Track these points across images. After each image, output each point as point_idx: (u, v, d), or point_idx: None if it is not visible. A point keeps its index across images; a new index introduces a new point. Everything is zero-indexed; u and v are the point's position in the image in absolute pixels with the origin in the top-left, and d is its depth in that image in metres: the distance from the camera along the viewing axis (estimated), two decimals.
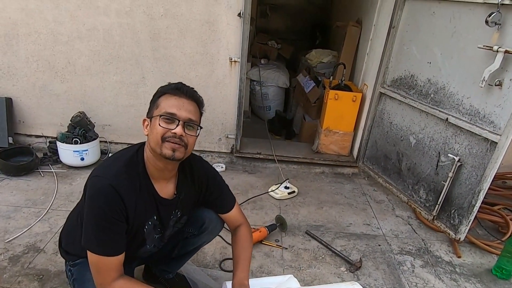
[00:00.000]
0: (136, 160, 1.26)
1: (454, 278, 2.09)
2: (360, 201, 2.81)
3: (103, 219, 1.16)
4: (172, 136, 1.19)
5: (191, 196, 1.42)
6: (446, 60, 2.32)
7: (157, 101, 1.24)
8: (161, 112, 1.20)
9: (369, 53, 3.21)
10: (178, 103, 1.21)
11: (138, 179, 1.24)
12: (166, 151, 1.19)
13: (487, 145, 2.09)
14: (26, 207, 2.35)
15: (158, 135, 1.19)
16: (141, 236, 1.31)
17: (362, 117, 3.16)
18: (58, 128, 3.02)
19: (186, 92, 1.23)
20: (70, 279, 1.39)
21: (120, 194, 1.16)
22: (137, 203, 1.23)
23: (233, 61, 2.86)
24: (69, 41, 2.82)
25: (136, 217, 1.24)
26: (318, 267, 2.07)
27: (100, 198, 1.16)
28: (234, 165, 3.21)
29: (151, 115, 1.24)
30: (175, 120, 1.19)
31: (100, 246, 1.18)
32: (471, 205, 2.18)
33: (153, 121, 1.22)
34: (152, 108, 1.25)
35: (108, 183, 1.15)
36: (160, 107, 1.22)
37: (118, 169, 1.21)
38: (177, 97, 1.22)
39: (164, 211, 1.35)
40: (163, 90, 1.25)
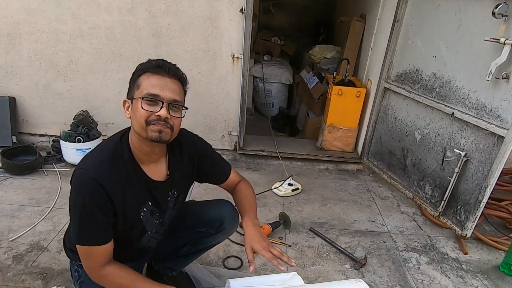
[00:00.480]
0: (121, 147, 1.20)
1: (461, 275, 2.06)
2: (365, 198, 2.79)
3: (86, 213, 1.13)
4: (156, 119, 1.12)
5: (185, 173, 1.38)
6: (452, 53, 2.28)
7: (138, 81, 1.15)
8: (143, 94, 1.12)
9: (373, 48, 3.17)
10: (160, 82, 1.13)
11: (124, 168, 1.18)
12: (152, 134, 1.13)
13: (494, 140, 2.05)
14: (29, 206, 2.35)
15: (142, 119, 1.12)
16: (140, 223, 1.28)
17: (367, 113, 3.13)
18: (62, 127, 3.02)
19: (168, 70, 1.14)
20: (77, 280, 1.37)
21: (103, 187, 1.12)
22: (126, 192, 1.18)
23: (236, 58, 2.84)
24: (71, 40, 2.82)
25: (127, 207, 1.20)
26: (322, 264, 2.05)
27: (83, 191, 1.12)
28: (238, 162, 3.20)
29: (132, 96, 1.16)
30: (159, 102, 1.12)
31: (86, 238, 1.16)
32: (477, 200, 2.15)
33: (135, 103, 1.14)
34: (133, 88, 1.16)
35: (91, 176, 1.11)
36: (141, 87, 1.13)
37: (102, 160, 1.16)
38: (159, 76, 1.13)
39: (159, 194, 1.30)
40: (144, 68, 1.15)
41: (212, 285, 1.78)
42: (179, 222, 1.55)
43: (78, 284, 1.36)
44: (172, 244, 1.58)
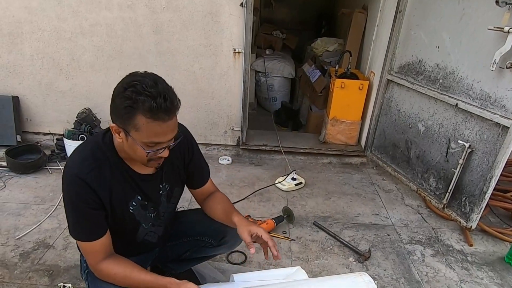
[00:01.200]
0: (104, 145, 1.19)
1: (466, 266, 2.05)
2: (369, 191, 2.77)
3: (75, 209, 1.15)
4: (158, 158, 1.15)
5: (175, 166, 1.36)
6: (455, 44, 2.25)
7: (134, 120, 1.03)
8: (144, 141, 1.07)
9: (376, 40, 3.14)
10: (163, 129, 1.06)
11: (108, 163, 1.18)
12: (151, 169, 1.19)
13: (499, 130, 2.03)
14: (35, 204, 2.37)
15: (143, 159, 1.13)
16: (131, 217, 1.28)
17: (370, 106, 3.11)
18: (65, 125, 3.04)
19: (167, 111, 1.04)
20: (84, 270, 1.38)
21: (87, 183, 1.12)
22: (112, 188, 1.19)
23: (237, 52, 2.83)
24: (72, 38, 2.82)
25: (114, 201, 1.20)
26: (326, 258, 2.05)
27: (70, 189, 1.14)
28: (241, 157, 3.20)
29: (127, 132, 1.07)
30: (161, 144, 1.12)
31: (79, 233, 1.19)
32: (482, 192, 2.13)
33: (132, 141, 1.08)
34: (127, 123, 1.05)
35: (75, 173, 1.12)
36: (141, 132, 1.05)
37: (84, 157, 1.16)
38: (160, 122, 1.04)
39: (149, 187, 1.29)
40: (138, 105, 1.01)
41: (216, 280, 1.79)
42: (183, 227, 1.55)
43: (85, 274, 1.37)
44: (175, 249, 1.58)
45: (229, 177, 2.84)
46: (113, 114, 1.09)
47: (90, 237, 1.18)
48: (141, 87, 1.01)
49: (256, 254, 2.05)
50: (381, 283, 1.89)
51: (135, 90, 1.01)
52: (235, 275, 1.70)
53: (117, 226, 1.26)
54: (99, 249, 1.20)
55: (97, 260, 1.20)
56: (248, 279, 1.69)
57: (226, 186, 2.69)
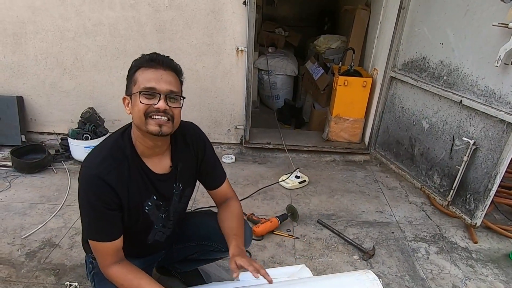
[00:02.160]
0: (122, 143, 1.21)
1: (471, 264, 2.05)
2: (373, 189, 2.77)
3: (93, 210, 1.16)
4: (155, 111, 1.14)
5: (189, 165, 1.37)
6: (459, 40, 2.23)
7: (134, 76, 1.17)
8: (140, 88, 1.14)
9: (379, 37, 3.13)
10: (156, 75, 1.15)
11: (126, 162, 1.20)
12: (152, 128, 1.15)
13: (504, 127, 2.02)
14: (40, 204, 2.39)
15: (141, 112, 1.14)
16: (146, 217, 1.29)
17: (373, 103, 3.10)
18: (69, 124, 3.06)
19: (162, 62, 1.17)
20: (90, 271, 1.39)
21: (108, 183, 1.14)
22: (129, 187, 1.20)
23: (240, 51, 2.83)
24: (75, 37, 2.83)
25: (131, 201, 1.22)
26: (330, 256, 2.05)
27: (88, 189, 1.15)
28: (244, 156, 3.20)
29: (130, 92, 1.18)
30: (156, 95, 1.14)
31: (94, 233, 1.19)
32: (487, 189, 2.13)
33: (133, 98, 1.16)
34: (130, 85, 1.19)
35: (95, 174, 1.14)
36: (138, 82, 1.15)
37: (103, 156, 1.18)
38: (153, 70, 1.15)
39: (164, 187, 1.31)
40: (138, 64, 1.18)
41: (221, 279, 1.80)
42: (191, 231, 1.55)
43: (91, 275, 1.37)
44: (182, 252, 1.58)
45: (232, 176, 2.84)
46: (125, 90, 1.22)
47: (105, 237, 1.19)
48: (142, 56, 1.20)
49: (261, 253, 2.05)
50: (385, 280, 1.89)
51: (137, 58, 1.20)
52: (240, 273, 1.71)
53: (131, 226, 1.26)
54: (112, 252, 1.21)
55: (108, 263, 1.21)
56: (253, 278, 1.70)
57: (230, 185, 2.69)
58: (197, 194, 2.48)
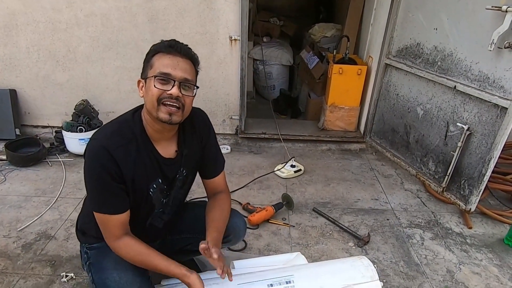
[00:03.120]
0: (132, 122, 1.23)
1: (465, 249, 2.06)
2: (368, 177, 2.77)
3: (98, 180, 1.17)
4: (168, 97, 1.15)
5: (194, 151, 1.39)
6: (454, 25, 2.22)
7: (151, 61, 1.18)
8: (156, 73, 1.15)
9: (374, 24, 3.11)
10: (172, 62, 1.16)
11: (135, 143, 1.21)
12: (163, 115, 1.16)
13: (497, 111, 2.02)
14: (36, 197, 2.38)
15: (154, 97, 1.15)
16: (149, 200, 1.30)
17: (368, 91, 3.09)
18: (63, 117, 3.04)
19: (180, 50, 1.17)
20: (85, 261, 1.39)
21: (112, 155, 1.15)
22: (136, 167, 1.21)
23: (233, 40, 2.80)
24: (67, 29, 2.80)
25: (137, 181, 1.23)
26: (325, 243, 2.06)
27: (94, 159, 1.16)
28: (240, 146, 3.20)
29: (146, 76, 1.19)
30: (171, 81, 1.15)
31: (100, 205, 1.20)
32: (481, 174, 2.13)
33: (148, 82, 1.18)
34: (146, 69, 1.20)
35: (101, 145, 1.15)
36: (154, 67, 1.17)
37: (112, 132, 1.20)
38: (171, 56, 1.16)
39: (169, 171, 1.32)
40: (156, 49, 1.19)
41: None
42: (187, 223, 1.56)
43: (87, 266, 1.37)
44: (177, 243, 1.59)
45: (228, 166, 2.80)
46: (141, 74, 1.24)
47: (112, 210, 1.20)
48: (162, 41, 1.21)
49: (256, 241, 2.06)
50: (380, 266, 1.90)
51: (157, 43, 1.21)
52: (236, 261, 1.71)
53: (133, 209, 1.27)
54: (120, 224, 1.22)
55: (117, 235, 1.22)
56: (249, 266, 1.70)
57: (226, 175, 2.67)
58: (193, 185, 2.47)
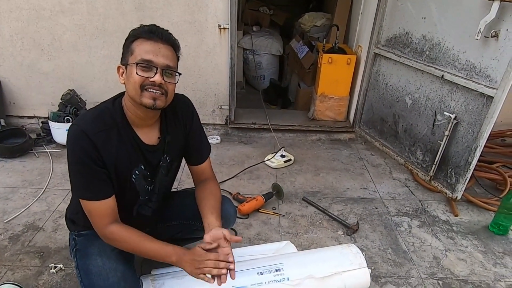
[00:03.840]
0: (113, 109, 1.21)
1: (451, 236, 2.10)
2: (357, 166, 2.80)
3: (82, 166, 1.16)
4: (151, 84, 1.14)
5: (178, 137, 1.38)
6: (442, 14, 2.22)
7: (131, 46, 1.16)
8: (137, 60, 1.13)
9: (363, 13, 3.10)
10: (154, 48, 1.14)
11: (116, 129, 1.20)
12: (147, 100, 1.15)
13: (483, 100, 2.04)
14: (23, 188, 2.35)
15: (136, 85, 1.14)
16: (132, 187, 1.30)
17: (358, 80, 3.09)
18: (50, 107, 2.98)
19: (161, 36, 1.15)
20: (73, 248, 1.38)
21: (92, 140, 1.14)
22: (118, 153, 1.20)
23: (223, 28, 2.77)
24: (52, 16, 2.73)
25: (118, 168, 1.22)
26: (315, 232, 2.08)
27: (74, 144, 1.15)
28: (229, 136, 3.19)
29: (126, 62, 1.17)
30: (153, 68, 1.14)
31: (85, 191, 1.20)
32: (467, 162, 2.16)
33: (129, 69, 1.15)
34: (126, 54, 1.17)
35: (82, 130, 1.14)
36: (135, 53, 1.14)
37: (93, 118, 1.18)
38: (152, 42, 1.14)
39: (152, 158, 1.32)
40: (136, 34, 1.16)
41: None
42: (175, 210, 1.55)
43: (74, 252, 1.37)
44: (166, 231, 1.58)
45: (218, 156, 2.83)
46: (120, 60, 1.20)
47: (97, 195, 1.19)
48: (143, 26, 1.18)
49: (246, 230, 2.07)
50: (368, 254, 1.93)
51: (136, 28, 1.18)
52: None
53: (118, 196, 1.27)
54: (107, 211, 1.21)
55: (105, 223, 1.22)
56: (239, 255, 1.71)
57: (216, 165, 2.68)
58: (182, 175, 2.47)
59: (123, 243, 1.23)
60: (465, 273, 1.85)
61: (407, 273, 1.83)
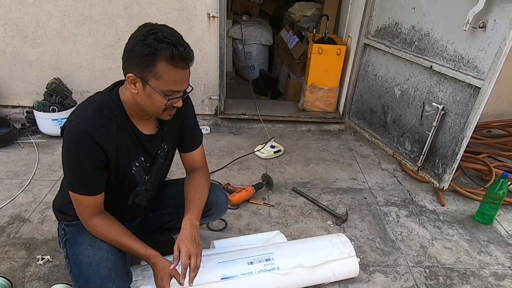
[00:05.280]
0: (111, 101, 1.19)
1: (438, 225, 2.14)
2: (347, 157, 2.82)
3: (79, 165, 1.16)
4: (172, 107, 1.17)
5: (174, 125, 1.38)
6: (431, 4, 2.23)
7: (155, 67, 1.06)
8: (164, 89, 1.10)
9: (353, 3, 3.09)
10: (182, 78, 1.12)
11: (115, 121, 1.19)
12: (166, 117, 1.21)
13: (471, 91, 2.06)
14: (7, 179, 2.30)
15: (160, 109, 1.16)
16: (131, 178, 1.30)
17: (347, 71, 3.09)
18: (34, 96, 2.91)
19: (186, 59, 1.08)
20: (62, 237, 1.37)
21: (96, 140, 1.13)
22: (118, 146, 1.20)
23: (212, 17, 2.73)
24: (35, 2, 2.64)
25: (119, 161, 1.22)
26: (305, 222, 2.10)
27: (75, 144, 1.14)
28: (219, 127, 3.17)
29: (147, 80, 1.09)
30: (178, 93, 1.16)
31: (77, 187, 1.20)
32: (454, 153, 2.19)
33: (150, 89, 1.10)
34: (145, 71, 1.07)
35: (83, 129, 1.12)
36: (161, 79, 1.08)
37: (92, 112, 1.16)
38: (180, 70, 1.09)
39: (151, 147, 1.32)
40: (160, 52, 1.04)
41: None
42: (166, 198, 1.55)
43: (63, 242, 1.36)
44: (157, 220, 1.59)
45: (208, 147, 2.82)
46: (130, 64, 1.10)
47: (88, 192, 1.21)
48: (162, 35, 1.05)
49: (236, 221, 2.07)
50: (357, 243, 1.96)
51: (156, 38, 1.04)
52: (216, 241, 1.73)
53: (116, 186, 1.27)
54: (94, 204, 1.23)
55: (90, 214, 1.24)
56: (229, 245, 1.72)
57: (206, 156, 2.65)
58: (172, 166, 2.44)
59: (104, 234, 1.25)
60: (451, 261, 1.89)
61: (395, 262, 1.86)
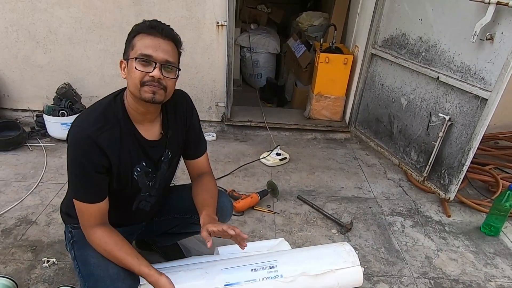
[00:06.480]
0: (115, 106, 1.22)
1: (443, 236, 2.12)
2: (352, 166, 2.81)
3: (81, 170, 1.17)
4: (150, 79, 1.14)
5: (178, 133, 1.39)
6: (438, 15, 2.24)
7: (132, 41, 1.16)
8: (137, 54, 1.13)
9: (361, 13, 3.11)
10: (153, 43, 1.14)
11: (118, 126, 1.20)
12: (146, 95, 1.15)
13: (478, 103, 2.06)
14: (16, 181, 2.33)
15: (136, 80, 1.14)
16: (134, 183, 1.30)
17: (354, 80, 3.11)
18: (44, 101, 2.95)
19: (162, 31, 1.15)
20: (69, 240, 1.38)
21: (99, 145, 1.14)
22: (121, 151, 1.21)
23: (220, 25, 2.77)
24: (48, 8, 2.71)
25: (121, 165, 1.23)
26: (309, 230, 2.09)
27: (79, 149, 1.15)
28: (225, 133, 3.19)
29: (127, 57, 1.17)
30: (152, 63, 1.13)
31: (79, 193, 1.21)
32: (461, 164, 2.18)
33: (130, 63, 1.16)
34: (128, 49, 1.18)
35: (87, 134, 1.13)
36: (135, 48, 1.15)
37: (96, 117, 1.18)
38: (152, 37, 1.14)
39: (154, 153, 1.32)
40: (138, 29, 1.16)
41: (201, 253, 1.81)
42: (172, 204, 1.56)
43: (70, 244, 1.37)
44: (162, 225, 1.59)
45: (214, 153, 2.83)
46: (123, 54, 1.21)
47: (90, 198, 1.20)
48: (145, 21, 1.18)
49: (241, 227, 2.07)
50: (362, 252, 1.95)
51: (139, 23, 1.18)
52: (220, 247, 1.72)
53: (118, 192, 1.27)
54: (96, 213, 1.22)
55: (91, 223, 1.22)
56: (233, 252, 1.72)
57: (211, 162, 2.60)
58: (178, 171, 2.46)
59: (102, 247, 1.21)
60: (456, 273, 1.87)
61: (399, 272, 1.85)
